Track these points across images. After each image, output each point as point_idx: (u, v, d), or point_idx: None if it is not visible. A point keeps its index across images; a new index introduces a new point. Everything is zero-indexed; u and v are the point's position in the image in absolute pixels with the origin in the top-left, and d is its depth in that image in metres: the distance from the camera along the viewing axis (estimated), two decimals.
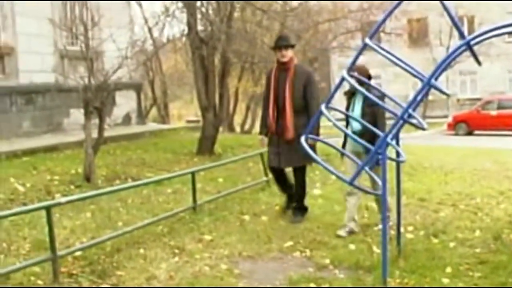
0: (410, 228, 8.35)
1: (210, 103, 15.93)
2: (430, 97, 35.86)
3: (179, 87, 43.83)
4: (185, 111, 48.97)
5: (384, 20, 6.50)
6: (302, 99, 8.80)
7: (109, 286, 6.25)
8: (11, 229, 8.00)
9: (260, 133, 9.31)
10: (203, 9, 16.60)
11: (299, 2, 24.65)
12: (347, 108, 8.28)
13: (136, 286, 6.22)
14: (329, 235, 8.11)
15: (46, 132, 17.65)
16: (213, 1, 16.34)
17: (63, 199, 7.19)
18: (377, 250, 7.36)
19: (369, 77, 8.02)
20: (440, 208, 9.89)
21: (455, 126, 33.45)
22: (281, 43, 8.92)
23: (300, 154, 7.84)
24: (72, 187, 10.86)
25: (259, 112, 13.94)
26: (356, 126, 8.06)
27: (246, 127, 31.47)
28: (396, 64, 6.22)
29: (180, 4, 16.51)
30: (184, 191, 10.39)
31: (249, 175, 12.67)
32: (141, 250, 7.17)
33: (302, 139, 6.77)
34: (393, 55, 6.33)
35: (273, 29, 21.05)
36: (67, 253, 6.73)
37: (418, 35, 44.85)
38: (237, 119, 32.70)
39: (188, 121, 34.07)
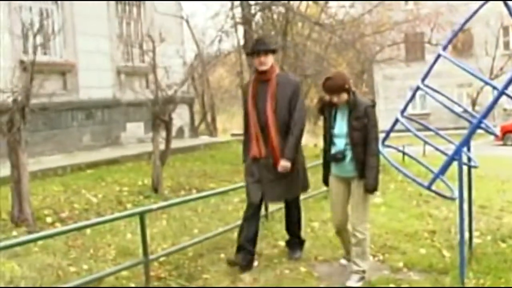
0: (477, 234, 8.53)
1: None
2: (476, 107, 35.82)
3: (221, 101, 44.21)
4: (229, 125, 49.34)
5: (458, 32, 6.74)
6: (289, 116, 7.14)
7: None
8: (95, 236, 8.42)
9: (244, 161, 7.62)
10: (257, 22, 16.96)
11: (346, 12, 24.96)
12: (327, 124, 6.68)
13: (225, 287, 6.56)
14: (398, 240, 8.36)
15: (105, 146, 18.14)
16: (269, 15, 16.69)
17: (154, 206, 7.58)
18: (447, 253, 7.63)
19: (343, 88, 6.37)
20: (502, 215, 10.10)
21: (503, 136, 33.26)
22: (259, 48, 7.17)
23: (295, 183, 7.30)
24: (141, 197, 11.29)
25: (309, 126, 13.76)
26: (340, 144, 6.52)
27: None
28: (470, 73, 6.45)
29: (237, 17, 16.87)
30: None
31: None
32: (222, 255, 7.50)
33: (380, 147, 6.47)
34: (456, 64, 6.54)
35: (323, 41, 21.32)
36: (157, 257, 7.11)
37: (463, 46, 44.75)
38: None
39: (233, 134, 34.31)
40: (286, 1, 16.58)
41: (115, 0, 19.23)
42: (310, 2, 21.75)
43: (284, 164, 7.04)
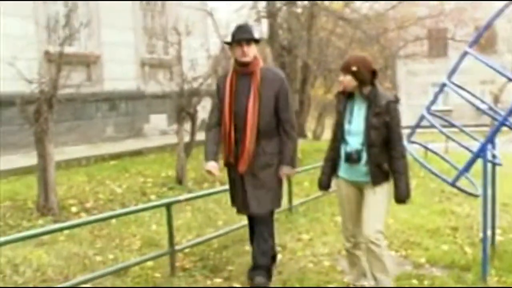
0: (499, 231, 8.51)
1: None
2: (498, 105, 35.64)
3: None
4: None
5: (484, 29, 6.72)
6: (272, 116, 6.16)
7: (222, 280, 6.68)
8: (120, 227, 8.52)
9: (208, 159, 6.32)
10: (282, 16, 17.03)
11: (369, 7, 24.92)
12: (340, 118, 5.74)
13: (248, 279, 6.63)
14: (421, 236, 8.39)
15: (128, 137, 18.26)
16: (294, 10, 16.75)
17: (181, 197, 7.67)
18: (469, 250, 7.65)
19: (374, 73, 5.58)
20: None
21: None
22: (241, 36, 6.12)
23: (270, 195, 6.29)
24: (165, 189, 11.39)
25: (328, 121, 13.84)
26: (355, 143, 5.63)
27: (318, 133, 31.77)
28: (497, 71, 6.45)
29: (260, 11, 16.94)
30: None
31: None
32: (247, 247, 7.56)
33: (405, 143, 5.76)
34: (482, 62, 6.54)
35: (347, 36, 21.34)
36: (182, 248, 7.21)
37: (486, 42, 44.47)
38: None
39: None
40: None
41: None
42: None
43: (286, 170, 6.27)
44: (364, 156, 5.61)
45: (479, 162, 6.42)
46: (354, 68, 5.48)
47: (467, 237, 8.41)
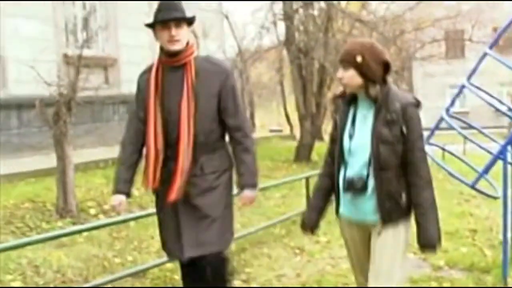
0: None
1: (308, 112, 16.41)
2: None
3: (259, 97, 44.38)
4: (267, 120, 49.52)
5: (503, 31, 6.70)
6: (214, 122, 4.72)
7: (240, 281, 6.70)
8: (139, 229, 8.56)
9: (115, 190, 4.88)
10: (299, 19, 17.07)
11: (386, 8, 24.89)
12: (338, 132, 4.15)
13: (266, 281, 6.64)
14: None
15: None
16: (311, 12, 16.79)
17: None
18: (489, 252, 7.63)
19: (387, 66, 3.98)
20: None
21: None
22: (167, 15, 4.60)
23: (214, 230, 4.71)
24: None
25: None
26: (358, 165, 4.02)
27: None
28: None
29: (277, 13, 17.01)
30: (291, 196, 10.79)
31: None
32: (265, 250, 7.59)
33: (426, 146, 4.30)
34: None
35: (364, 38, 21.27)
36: None
37: (504, 43, 44.28)
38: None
39: (272, 130, 34.42)
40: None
41: None
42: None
43: (250, 195, 4.74)
44: (371, 184, 3.98)
45: (498, 164, 6.40)
46: (358, 59, 3.92)
47: (487, 239, 8.39)
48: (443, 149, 7.98)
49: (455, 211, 10.30)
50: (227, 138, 4.86)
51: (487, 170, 6.61)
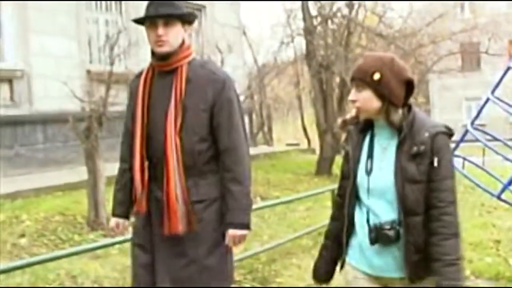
0: None
1: (329, 125, 16.61)
2: None
3: (276, 110, 44.62)
4: (284, 134, 49.74)
5: None
6: (204, 142, 3.95)
7: None
8: None
9: (113, 213, 4.28)
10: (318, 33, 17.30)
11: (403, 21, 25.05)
12: (351, 166, 3.47)
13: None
14: (463, 249, 8.48)
15: None
16: (331, 26, 17.03)
17: None
18: None
19: (410, 86, 3.30)
20: None
21: None
22: (155, 11, 3.91)
23: (198, 275, 3.93)
24: None
25: None
26: (381, 209, 3.33)
27: None
28: None
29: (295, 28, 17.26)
30: (316, 208, 10.96)
31: None
32: (294, 260, 7.77)
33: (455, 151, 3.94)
34: None
35: (382, 51, 21.45)
36: (234, 260, 7.39)
37: None
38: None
39: (288, 144, 34.60)
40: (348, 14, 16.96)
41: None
42: (368, 13, 21.94)
43: (235, 234, 3.89)
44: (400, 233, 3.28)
45: None
46: (376, 77, 3.23)
47: (511, 249, 8.51)
48: (469, 161, 8.09)
49: (478, 222, 10.43)
50: None
51: (511, 181, 6.76)
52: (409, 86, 3.29)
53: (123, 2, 16.93)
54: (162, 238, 3.92)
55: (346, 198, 3.46)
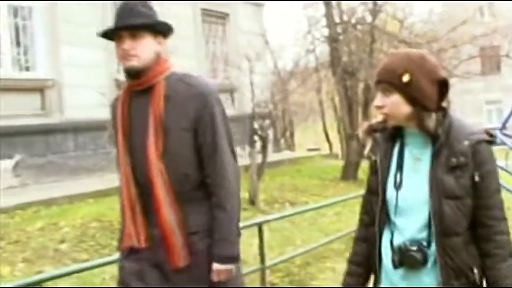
0: None
1: (354, 131, 16.85)
2: None
3: (295, 115, 44.75)
4: (303, 139, 49.82)
5: None
6: (190, 165, 3.52)
7: None
8: None
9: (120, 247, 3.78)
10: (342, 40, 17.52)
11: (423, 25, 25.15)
12: (379, 171, 3.06)
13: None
14: None
15: None
16: (356, 33, 17.25)
17: (270, 216, 8.13)
18: None
19: (444, 86, 2.89)
20: None
21: None
22: (119, 23, 3.56)
23: None
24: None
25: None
26: (410, 227, 2.93)
27: None
28: None
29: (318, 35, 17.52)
30: (345, 213, 11.17)
31: None
32: (328, 264, 7.99)
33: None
34: None
35: None
36: (273, 264, 7.64)
37: None
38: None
39: (309, 149, 34.75)
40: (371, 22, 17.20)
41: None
42: (389, 18, 22.11)
43: (220, 269, 3.46)
44: (432, 255, 2.89)
45: None
46: (405, 79, 2.82)
47: None
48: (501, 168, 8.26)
49: None
50: None
51: None
52: (442, 87, 2.87)
53: None
54: (158, 274, 3.50)
55: (376, 217, 3.04)
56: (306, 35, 20.40)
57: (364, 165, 18.84)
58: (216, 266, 3.43)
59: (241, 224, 3.71)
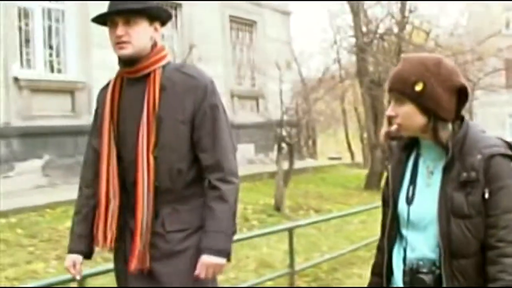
0: None
1: (379, 141, 16.97)
2: None
3: (317, 123, 44.76)
4: (325, 148, 49.83)
5: None
6: (184, 160, 3.32)
7: None
8: (236, 249, 9.12)
9: (70, 249, 3.48)
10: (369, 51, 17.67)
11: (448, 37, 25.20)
12: (392, 182, 2.77)
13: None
14: None
15: None
16: (382, 42, 17.40)
17: (302, 221, 8.33)
18: None
19: (463, 94, 2.56)
20: None
21: None
22: (111, 7, 3.40)
23: None
24: (264, 216, 11.98)
25: None
26: (421, 244, 2.64)
27: None
28: None
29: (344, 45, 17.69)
30: (370, 221, 11.26)
31: None
32: (355, 270, 8.11)
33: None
34: None
35: None
36: (302, 269, 7.79)
37: None
38: None
39: (330, 158, 34.78)
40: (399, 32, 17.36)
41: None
42: (415, 30, 22.21)
43: (209, 262, 3.19)
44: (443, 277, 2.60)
45: None
46: (418, 88, 2.56)
47: None
48: None
49: None
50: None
51: None
52: (461, 94, 2.58)
53: (178, 17, 17.39)
54: (136, 276, 3.26)
55: (386, 230, 2.82)
56: (332, 45, 20.54)
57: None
58: (206, 258, 3.17)
59: (272, 229, 3.74)
